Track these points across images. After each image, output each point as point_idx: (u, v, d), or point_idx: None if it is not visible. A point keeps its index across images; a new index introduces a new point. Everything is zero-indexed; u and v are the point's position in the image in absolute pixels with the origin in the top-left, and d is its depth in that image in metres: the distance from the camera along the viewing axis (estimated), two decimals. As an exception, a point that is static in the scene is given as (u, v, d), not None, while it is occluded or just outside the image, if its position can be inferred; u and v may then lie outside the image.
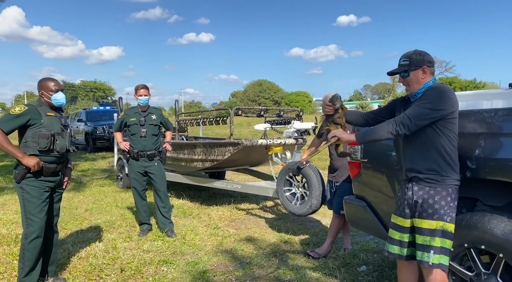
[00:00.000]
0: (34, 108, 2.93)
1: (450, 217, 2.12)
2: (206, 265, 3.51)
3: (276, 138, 5.13)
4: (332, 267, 3.45)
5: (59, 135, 3.01)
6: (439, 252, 2.11)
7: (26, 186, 2.90)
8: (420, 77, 2.25)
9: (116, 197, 6.46)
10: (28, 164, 2.82)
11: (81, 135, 15.34)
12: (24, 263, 2.90)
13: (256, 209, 5.87)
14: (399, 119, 2.12)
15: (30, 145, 2.90)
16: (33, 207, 2.91)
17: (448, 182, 2.13)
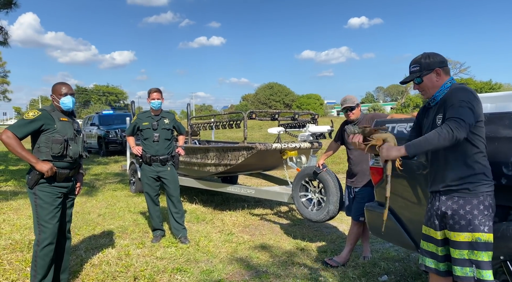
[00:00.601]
0: (47, 113, 2.90)
1: (488, 227, 1.96)
2: (221, 273, 3.40)
3: (291, 142, 5.01)
4: (352, 277, 3.31)
5: (72, 140, 2.98)
6: (488, 266, 1.94)
7: (39, 192, 2.86)
8: (434, 80, 2.13)
9: (128, 202, 6.40)
10: (41, 169, 2.78)
11: (94, 139, 15.41)
12: (36, 270, 2.84)
13: (270, 214, 5.75)
14: (453, 124, 1.86)
15: (43, 150, 2.86)
16: (46, 213, 2.86)
17: (479, 190, 1.98)
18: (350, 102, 3.71)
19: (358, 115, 3.76)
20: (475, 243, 1.95)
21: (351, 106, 3.70)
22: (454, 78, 2.18)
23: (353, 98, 3.75)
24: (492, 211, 2.00)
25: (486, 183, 1.99)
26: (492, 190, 2.00)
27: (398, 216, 2.71)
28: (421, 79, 2.15)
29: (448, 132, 1.87)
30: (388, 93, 78.47)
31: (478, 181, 1.99)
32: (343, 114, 3.84)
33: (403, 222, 2.68)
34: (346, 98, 3.76)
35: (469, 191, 1.99)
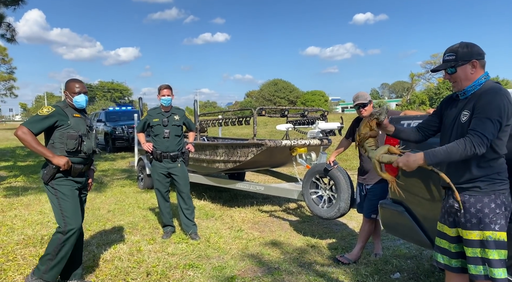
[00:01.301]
0: (61, 110, 2.94)
1: (499, 225, 1.94)
2: (234, 270, 3.41)
3: (301, 139, 5.00)
4: (364, 274, 3.30)
5: (86, 136, 3.02)
6: (500, 265, 1.93)
7: (57, 185, 2.90)
8: (469, 72, 2.04)
9: (137, 198, 6.43)
10: (58, 163, 2.82)
11: (100, 136, 15.46)
12: (54, 255, 2.86)
13: (279, 211, 5.75)
14: (477, 140, 1.86)
15: (58, 146, 2.89)
16: (69, 205, 2.91)
17: (490, 188, 1.97)
18: (363, 99, 3.69)
19: (371, 112, 3.74)
20: (485, 241, 1.94)
21: (363, 103, 3.68)
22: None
23: (365, 95, 3.74)
24: (506, 209, 1.97)
25: (498, 181, 1.97)
26: (505, 188, 1.98)
27: (414, 213, 2.69)
28: (455, 70, 2.07)
29: (471, 149, 1.86)
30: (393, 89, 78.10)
31: (490, 180, 1.97)
32: (348, 111, 3.82)
33: (418, 220, 2.67)
34: (358, 95, 3.74)
35: (480, 189, 1.98)
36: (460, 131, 2.06)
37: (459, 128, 2.07)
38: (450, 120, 2.15)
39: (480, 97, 1.97)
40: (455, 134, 2.09)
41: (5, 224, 4.81)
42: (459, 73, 2.07)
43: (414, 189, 2.67)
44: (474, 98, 2.02)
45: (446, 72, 2.13)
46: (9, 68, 44.00)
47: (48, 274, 2.88)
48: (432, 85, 52.17)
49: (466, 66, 2.05)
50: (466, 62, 2.04)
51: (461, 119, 2.05)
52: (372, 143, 2.34)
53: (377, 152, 2.25)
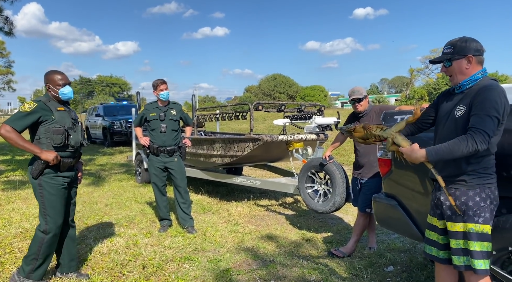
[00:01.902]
0: (43, 104, 2.85)
1: (483, 218, 1.98)
2: (229, 263, 3.44)
3: (297, 134, 5.02)
4: (358, 267, 3.34)
5: (72, 129, 2.96)
6: (481, 256, 1.97)
7: (44, 182, 2.86)
8: (464, 67, 2.07)
9: (135, 192, 6.46)
10: (47, 158, 2.78)
11: (98, 130, 15.48)
12: (38, 255, 2.87)
13: (275, 205, 5.78)
14: (479, 137, 1.87)
15: (44, 142, 2.84)
16: (53, 204, 2.87)
17: (476, 182, 2.00)
18: (358, 94, 3.71)
19: (366, 106, 3.77)
20: (468, 233, 1.99)
21: (359, 98, 3.71)
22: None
23: (361, 89, 3.76)
24: (492, 203, 2.01)
25: (484, 176, 2.00)
26: (491, 182, 2.02)
27: (406, 207, 2.72)
28: (451, 63, 2.10)
29: (473, 146, 1.87)
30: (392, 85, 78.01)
31: (476, 174, 2.00)
32: (347, 106, 3.84)
33: (410, 213, 2.70)
34: (354, 90, 3.77)
35: (466, 183, 2.01)
36: (453, 125, 2.08)
37: (452, 122, 2.09)
38: (444, 113, 2.18)
39: (477, 93, 1.98)
40: (448, 127, 2.12)
41: (2, 217, 4.84)
42: (454, 66, 2.10)
43: (406, 183, 2.69)
44: (470, 94, 2.04)
45: (444, 65, 2.16)
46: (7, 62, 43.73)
47: (35, 274, 2.89)
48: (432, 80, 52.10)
49: (462, 61, 2.07)
50: (462, 56, 2.07)
51: (456, 114, 2.07)
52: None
53: (393, 128, 2.25)
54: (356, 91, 3.73)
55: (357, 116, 3.82)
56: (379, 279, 3.13)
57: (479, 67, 2.08)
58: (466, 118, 2.01)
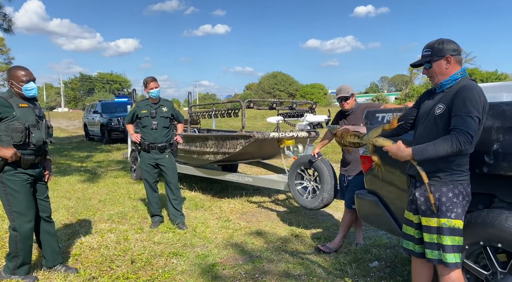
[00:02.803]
0: (4, 101, 2.80)
1: (455, 213, 2.04)
2: (216, 258, 3.50)
3: (289, 131, 5.07)
4: (343, 262, 3.39)
5: (34, 127, 2.89)
6: (452, 250, 2.04)
7: (6, 180, 2.82)
8: (443, 67, 2.13)
9: (129, 189, 6.52)
10: (4, 155, 2.72)
11: (96, 127, 15.53)
12: (17, 252, 2.89)
13: (267, 202, 5.84)
14: (463, 138, 1.90)
15: (4, 139, 2.79)
16: (18, 201, 2.84)
17: (449, 178, 2.06)
18: (345, 92, 3.77)
19: (353, 105, 3.82)
20: (440, 228, 2.05)
21: (345, 96, 3.76)
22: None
23: (347, 88, 3.81)
24: (464, 199, 2.06)
25: (457, 172, 2.06)
26: (464, 179, 2.07)
27: (386, 203, 2.77)
28: (431, 65, 2.15)
29: (457, 146, 1.91)
30: (392, 83, 77.92)
31: (450, 171, 2.06)
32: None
33: (391, 209, 2.75)
34: (341, 88, 3.82)
35: (440, 179, 2.07)
36: (432, 123, 2.14)
37: (431, 120, 2.14)
38: (424, 111, 2.23)
39: (457, 94, 2.03)
40: (427, 125, 2.17)
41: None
42: (434, 68, 2.16)
43: (387, 180, 2.74)
44: (450, 93, 2.09)
45: (424, 67, 2.22)
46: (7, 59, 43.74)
47: (19, 270, 2.95)
48: (432, 79, 51.94)
49: (441, 62, 2.13)
50: (440, 57, 2.12)
51: (435, 112, 2.12)
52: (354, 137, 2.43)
53: (370, 135, 2.29)
54: (343, 90, 3.78)
55: (344, 114, 3.87)
56: (362, 274, 3.18)
57: (458, 67, 2.14)
58: (445, 116, 2.06)
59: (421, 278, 2.33)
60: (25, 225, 2.89)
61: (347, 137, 2.45)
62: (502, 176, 2.07)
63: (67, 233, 4.18)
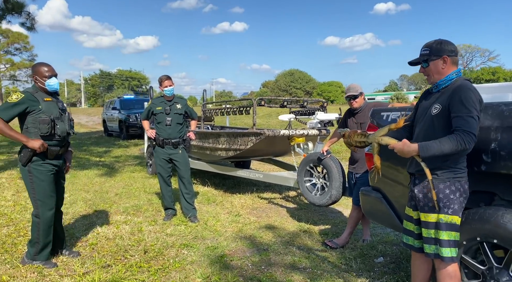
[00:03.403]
0: (30, 95, 3.01)
1: (452, 209, 2.11)
2: (225, 250, 3.63)
3: (300, 129, 5.16)
4: (348, 257, 3.48)
5: (59, 119, 3.11)
6: (448, 244, 2.11)
7: (33, 169, 3.05)
8: (440, 67, 2.20)
9: (144, 183, 6.72)
10: (33, 146, 2.94)
11: (115, 123, 15.90)
12: (38, 238, 3.11)
13: (278, 198, 5.94)
14: (467, 138, 1.97)
15: (32, 131, 3.01)
16: (42, 189, 3.07)
17: (446, 176, 2.12)
18: (354, 91, 3.84)
19: (361, 103, 3.88)
20: (438, 223, 2.13)
21: (354, 95, 3.84)
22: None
23: (356, 87, 3.88)
24: (461, 196, 2.13)
25: (454, 170, 2.12)
26: (461, 176, 2.13)
27: (389, 200, 2.85)
28: (427, 64, 2.23)
29: (461, 145, 1.97)
30: (412, 81, 76.55)
31: (447, 168, 2.12)
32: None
33: (393, 206, 2.82)
34: (350, 87, 3.90)
35: (437, 176, 2.14)
36: (428, 123, 2.22)
37: (428, 120, 2.22)
38: (421, 111, 2.32)
39: (453, 93, 2.10)
40: (424, 125, 2.25)
41: (19, 203, 5.15)
42: (431, 67, 2.23)
43: (390, 177, 2.81)
44: (446, 93, 2.16)
45: (421, 66, 2.29)
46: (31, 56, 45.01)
47: (39, 255, 3.15)
48: (452, 78, 50.88)
49: (438, 61, 2.20)
50: (438, 57, 2.20)
51: (432, 112, 2.20)
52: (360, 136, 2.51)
53: (376, 134, 2.36)
54: (352, 89, 3.86)
55: (352, 112, 3.94)
56: (367, 269, 3.26)
57: (454, 67, 2.21)
58: (441, 116, 2.14)
59: (419, 272, 2.41)
60: (47, 213, 3.11)
61: (354, 136, 2.53)
62: (502, 175, 2.12)
63: (85, 223, 4.38)
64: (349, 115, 3.99)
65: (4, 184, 6.37)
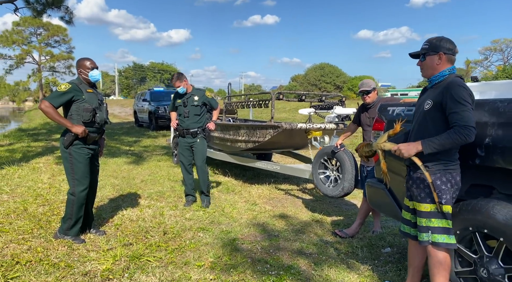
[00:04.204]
0: (76, 86, 3.41)
1: (444, 199, 2.23)
2: (238, 234, 3.85)
3: (317, 123, 5.29)
4: (356, 246, 3.62)
5: (98, 109, 3.51)
6: (439, 231, 2.24)
7: (73, 152, 3.43)
8: (435, 63, 2.31)
9: (169, 171, 7.05)
10: (77, 131, 3.33)
11: (145, 114, 16.46)
12: (72, 215, 3.46)
13: (295, 190, 6.11)
14: (466, 132, 2.07)
15: (75, 118, 3.40)
16: (80, 170, 3.45)
17: (437, 168, 2.24)
18: (367, 86, 3.95)
19: (374, 98, 3.98)
20: (432, 212, 2.26)
21: (367, 90, 3.94)
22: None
23: (369, 82, 3.99)
24: (452, 187, 2.25)
25: (445, 162, 2.24)
26: (452, 168, 2.25)
27: (392, 191, 2.96)
28: (424, 58, 2.36)
29: (462, 139, 2.09)
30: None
31: (437, 160, 2.24)
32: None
33: (396, 197, 2.94)
34: (363, 82, 4.01)
35: (428, 168, 2.26)
36: (421, 118, 2.35)
37: (421, 116, 2.36)
38: (417, 107, 2.46)
39: (445, 90, 2.22)
40: (417, 120, 2.39)
41: (54, 186, 5.58)
42: (427, 61, 2.36)
43: (393, 169, 2.92)
44: (438, 89, 2.29)
45: (420, 59, 2.42)
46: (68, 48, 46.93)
47: (71, 230, 3.50)
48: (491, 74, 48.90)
49: (434, 57, 2.33)
50: (434, 53, 2.32)
51: (424, 108, 2.33)
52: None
53: (378, 141, 2.51)
54: (365, 84, 3.96)
55: (365, 107, 4.05)
56: (372, 257, 3.39)
57: (449, 65, 2.33)
58: (431, 111, 2.27)
59: (415, 259, 2.55)
60: (82, 191, 3.48)
61: (362, 149, 2.75)
62: (499, 169, 2.21)
63: (112, 206, 4.73)
64: (362, 110, 4.10)
65: (42, 168, 6.86)
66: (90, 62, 3.50)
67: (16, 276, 2.79)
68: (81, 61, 3.52)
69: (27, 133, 13.48)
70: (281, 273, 2.98)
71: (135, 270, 2.97)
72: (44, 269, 2.92)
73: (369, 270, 3.12)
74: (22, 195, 5.03)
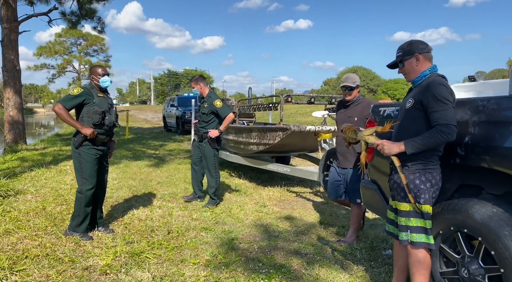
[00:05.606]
0: (87, 90, 3.66)
1: (423, 199, 2.21)
2: (238, 234, 3.92)
3: (327, 125, 5.28)
4: (355, 248, 3.59)
5: (108, 112, 3.74)
6: (418, 231, 2.22)
7: (82, 152, 3.65)
8: (414, 65, 2.33)
9: (186, 174, 7.22)
10: (86, 132, 3.56)
11: (173, 119, 16.91)
12: (80, 211, 3.66)
13: (307, 192, 6.10)
14: (447, 130, 2.07)
15: (85, 120, 3.64)
16: (88, 169, 3.67)
17: (416, 167, 2.22)
18: (351, 82, 3.71)
19: (355, 96, 3.76)
20: (411, 211, 2.24)
21: (350, 86, 3.70)
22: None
23: (354, 78, 3.76)
24: (432, 186, 2.22)
25: (425, 162, 2.22)
26: (432, 168, 2.22)
27: (384, 192, 2.94)
28: (403, 64, 2.38)
29: (443, 138, 2.08)
30: (490, 78, 70.77)
31: (417, 160, 2.22)
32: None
33: (387, 197, 2.90)
34: (348, 77, 3.77)
35: (408, 168, 2.26)
36: (403, 117, 2.35)
37: (403, 114, 2.36)
38: (401, 106, 2.46)
39: (426, 89, 2.21)
40: (400, 119, 2.38)
41: (74, 187, 5.79)
42: (406, 66, 2.38)
43: (383, 170, 2.90)
44: (419, 88, 2.29)
45: (399, 67, 2.44)
46: (106, 57, 49.00)
47: (79, 227, 3.71)
48: (535, 74, 46.23)
49: (412, 60, 2.35)
50: (410, 56, 2.34)
51: (406, 106, 2.34)
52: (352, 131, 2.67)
53: (364, 133, 2.51)
54: (350, 79, 3.72)
55: (344, 104, 3.86)
56: (370, 259, 3.36)
57: (429, 63, 2.33)
58: (411, 110, 2.28)
59: (400, 258, 2.53)
60: (88, 190, 3.70)
61: (348, 132, 2.69)
62: (487, 169, 2.14)
63: (124, 206, 4.93)
64: (340, 107, 3.92)
65: (67, 171, 7.24)
66: (102, 69, 3.76)
67: (22, 269, 3.00)
68: (94, 68, 3.78)
69: (62, 138, 14.20)
70: (271, 271, 3.02)
71: (132, 266, 3.11)
72: (48, 263, 3.12)
73: (363, 271, 3.09)
74: (44, 195, 5.35)
